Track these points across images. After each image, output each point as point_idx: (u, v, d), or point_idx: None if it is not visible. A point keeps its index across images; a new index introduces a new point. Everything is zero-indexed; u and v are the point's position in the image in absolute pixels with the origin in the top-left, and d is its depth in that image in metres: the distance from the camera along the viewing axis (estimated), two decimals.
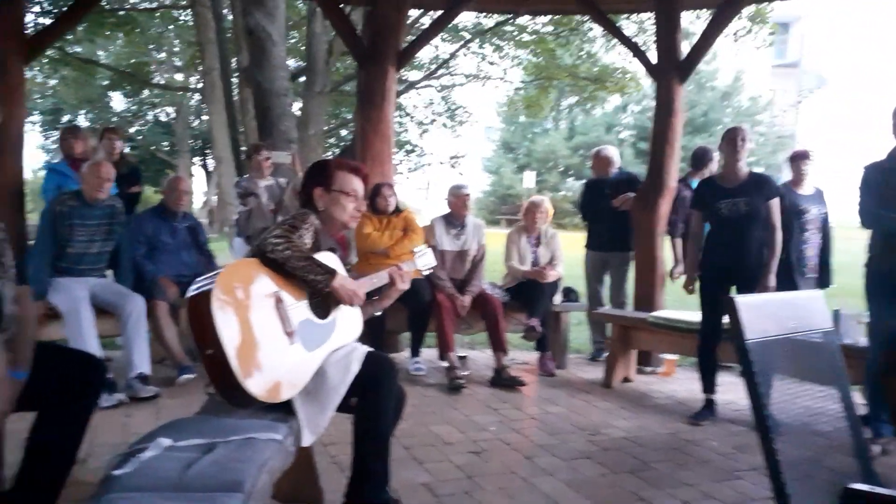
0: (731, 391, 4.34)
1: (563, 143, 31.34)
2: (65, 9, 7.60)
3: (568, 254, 5.39)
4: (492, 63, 16.20)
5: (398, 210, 4.97)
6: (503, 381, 4.55)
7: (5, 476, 2.20)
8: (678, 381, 4.96)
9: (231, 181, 11.32)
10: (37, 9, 12.08)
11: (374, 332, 2.61)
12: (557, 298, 5.25)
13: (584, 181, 7.01)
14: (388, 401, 2.30)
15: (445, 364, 4.63)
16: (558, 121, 33.14)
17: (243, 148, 10.44)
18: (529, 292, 4.94)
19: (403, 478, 2.82)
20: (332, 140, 18.15)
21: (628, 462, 3.22)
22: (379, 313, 2.69)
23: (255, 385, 2.03)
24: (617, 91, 15.89)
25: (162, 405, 3.89)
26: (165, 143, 28.33)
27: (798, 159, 4.65)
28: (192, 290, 2.09)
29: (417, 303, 4.63)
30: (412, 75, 16.60)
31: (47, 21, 11.46)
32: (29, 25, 6.38)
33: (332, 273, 2.28)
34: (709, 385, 3.99)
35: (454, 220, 5.01)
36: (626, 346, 4.82)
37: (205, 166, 29.72)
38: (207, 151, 28.90)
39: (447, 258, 4.87)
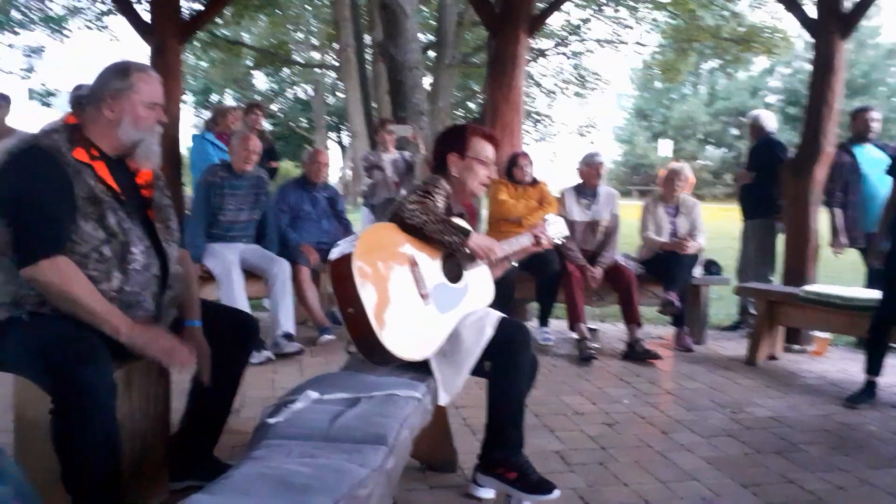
0: (893, 374, 3.96)
1: (702, 109, 29.66)
2: None
3: (708, 226, 5.11)
4: (627, 27, 15.53)
5: (535, 181, 4.92)
6: (637, 354, 4.42)
7: (172, 421, 2.42)
8: (830, 360, 4.59)
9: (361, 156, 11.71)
10: None
11: (502, 301, 2.60)
12: (697, 271, 5.00)
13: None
14: (523, 366, 2.30)
15: (575, 335, 4.56)
16: (697, 86, 31.36)
17: (375, 123, 10.77)
18: (667, 264, 4.74)
19: (535, 444, 2.81)
20: (459, 112, 18.26)
21: (775, 442, 3.03)
22: (512, 266, 2.68)
23: (393, 343, 2.10)
24: (764, 52, 14.73)
25: (305, 363, 4.12)
26: (304, 120, 29.76)
27: None
28: (333, 253, 2.19)
29: (546, 273, 4.58)
30: (542, 44, 16.27)
31: (199, 6, 12.26)
32: (184, 10, 6.84)
33: (467, 233, 2.32)
34: (875, 366, 3.65)
35: (585, 189, 4.89)
36: (773, 322, 4.51)
37: (340, 141, 30.96)
38: (342, 127, 30.06)
39: (577, 228, 4.76)
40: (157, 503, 2.18)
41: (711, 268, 5.16)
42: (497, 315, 2.38)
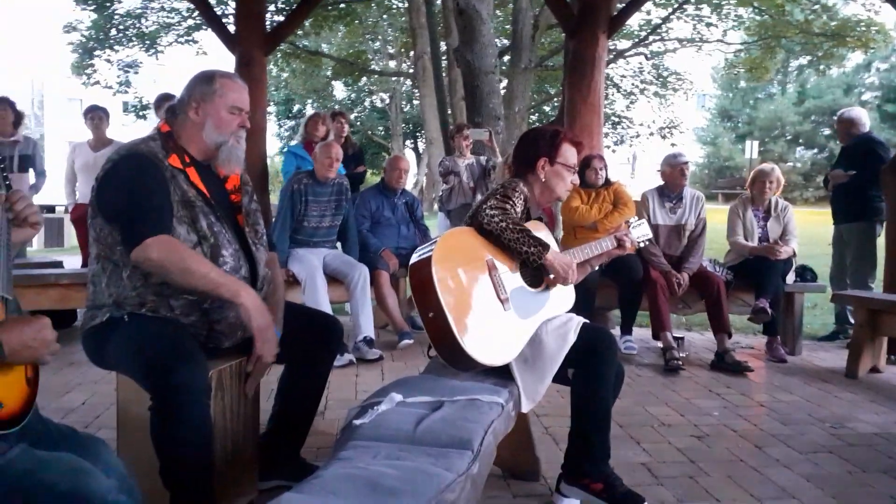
0: None
1: (791, 108, 28.34)
2: (295, 6, 8.38)
3: (800, 230, 4.85)
4: (710, 25, 15.02)
5: (608, 183, 4.81)
6: (726, 364, 4.23)
7: (261, 422, 2.48)
8: None
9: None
10: (272, 7, 13.39)
11: (582, 308, 2.53)
12: (790, 277, 4.76)
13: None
14: (609, 374, 2.23)
15: (660, 344, 4.42)
16: (785, 84, 29.99)
17: (451, 129, 10.82)
18: (757, 270, 4.53)
19: (620, 456, 2.73)
20: (534, 116, 18.14)
21: (881, 461, 2.83)
22: (594, 269, 2.61)
23: (473, 348, 2.08)
24: (860, 47, 13.94)
25: (386, 367, 4.16)
26: (380, 128, 30.29)
27: None
28: (414, 257, 2.19)
29: (629, 279, 4.46)
30: (619, 44, 15.96)
31: (281, 18, 12.67)
32: (266, 23, 7.10)
33: (545, 247, 2.27)
34: None
35: (669, 192, 4.73)
36: (875, 333, 4.23)
37: (415, 148, 31.33)
38: (418, 134, 30.41)
39: (661, 233, 4.62)
40: (247, 501, 2.24)
41: (806, 274, 4.90)
42: (580, 321, 2.33)
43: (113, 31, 16.40)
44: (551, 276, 2.33)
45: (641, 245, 2.68)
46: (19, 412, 1.39)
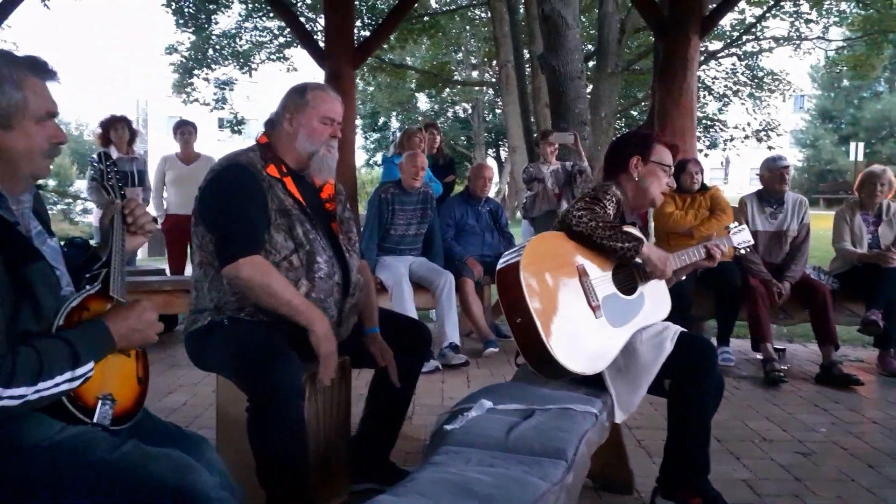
0: None
1: None
2: (381, 21, 8.56)
3: None
4: (809, 21, 14.28)
5: (704, 188, 4.63)
6: (833, 378, 3.97)
7: (352, 425, 2.52)
8: None
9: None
10: (359, 23, 13.76)
11: (677, 317, 2.42)
12: None
13: None
14: (708, 385, 2.13)
15: (759, 356, 4.20)
16: (894, 82, 28.10)
17: (535, 136, 10.75)
18: (867, 279, 4.23)
19: (719, 471, 2.59)
20: (622, 121, 17.76)
21: None
22: (678, 279, 2.51)
23: (562, 355, 2.03)
24: None
25: (471, 374, 4.15)
26: (463, 138, 30.49)
27: None
28: (502, 262, 2.17)
29: (726, 288, 4.27)
30: (710, 45, 15.42)
31: (367, 33, 13.00)
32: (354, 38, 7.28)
33: (640, 241, 2.20)
34: None
35: (769, 197, 4.50)
36: None
37: (497, 157, 31.33)
38: (500, 143, 30.40)
39: (761, 240, 4.39)
40: (339, 503, 2.27)
41: None
42: (677, 329, 2.24)
43: (210, 51, 17.31)
44: (648, 269, 2.25)
45: (742, 252, 2.56)
46: (131, 409, 1.47)
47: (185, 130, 6.07)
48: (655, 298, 2.39)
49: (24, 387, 1.20)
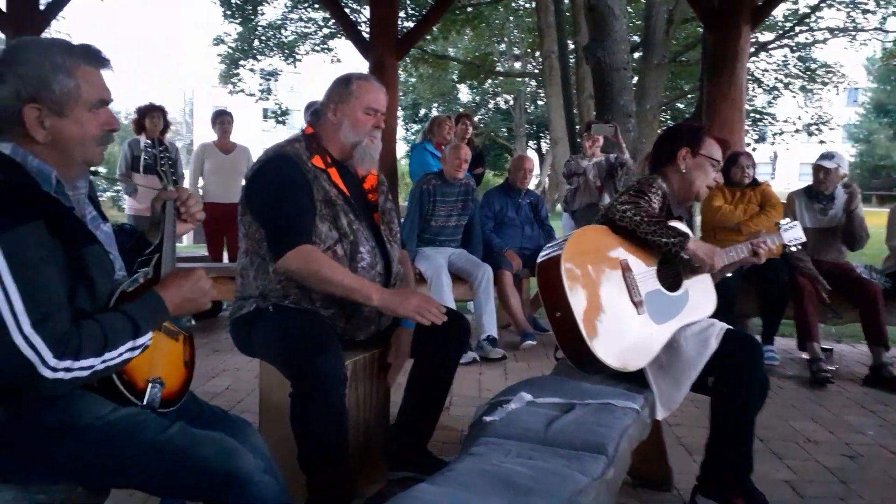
0: None
1: None
2: (425, 12, 8.57)
3: None
4: (866, 12, 13.78)
5: (755, 183, 4.52)
6: (883, 380, 3.85)
7: (390, 414, 2.54)
8: None
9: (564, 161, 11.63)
10: (402, 13, 13.78)
11: (721, 315, 2.38)
12: None
13: None
14: (753, 383, 2.09)
15: (805, 355, 4.10)
16: None
17: (578, 128, 10.63)
18: None
19: (761, 471, 2.54)
20: (667, 114, 17.44)
21: None
22: (724, 276, 2.45)
23: (603, 350, 2.01)
24: None
25: (509, 367, 4.15)
26: (503, 129, 30.35)
27: None
28: (542, 255, 2.15)
29: (772, 285, 4.17)
30: (761, 36, 15.01)
31: (411, 24, 13.01)
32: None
33: (685, 236, 2.16)
34: None
35: (819, 193, 4.38)
36: None
37: (538, 149, 31.11)
38: (541, 135, 30.18)
39: (809, 237, 4.25)
40: (377, 489, 2.30)
41: None
42: (722, 326, 2.20)
43: (256, 42, 17.56)
44: (696, 264, 2.22)
45: (794, 249, 2.49)
46: (178, 392, 1.51)
47: (223, 120, 6.13)
48: (700, 295, 2.35)
49: (92, 357, 1.25)
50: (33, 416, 1.30)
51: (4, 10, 6.43)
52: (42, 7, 6.67)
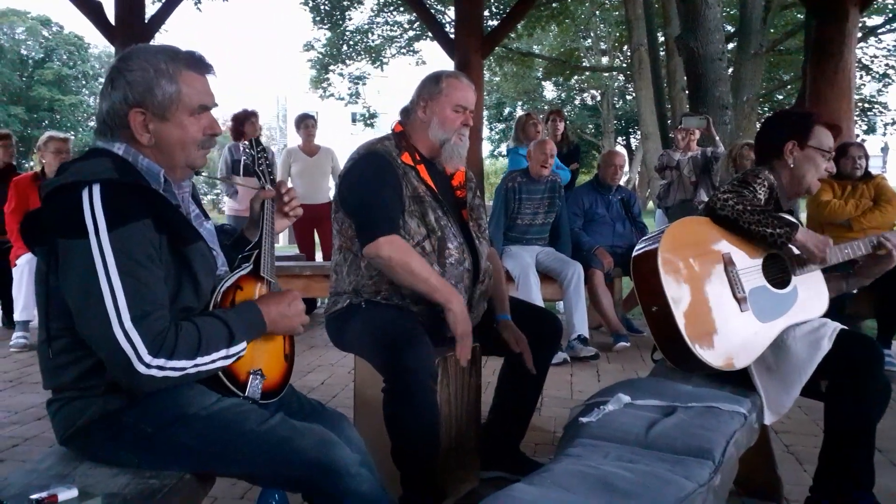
0: None
1: None
2: (510, 8, 8.51)
3: None
4: None
5: (868, 176, 4.21)
6: None
7: (482, 413, 2.52)
8: None
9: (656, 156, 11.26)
10: (486, 12, 13.76)
11: (830, 316, 2.21)
12: None
13: None
14: (872, 389, 1.93)
15: None
16: None
17: (670, 122, 10.27)
18: None
19: (881, 485, 2.34)
20: (765, 106, 16.61)
21: None
22: (854, 291, 2.28)
23: (702, 347, 1.92)
24: None
25: (601, 368, 4.04)
26: (591, 126, 29.78)
27: None
28: (639, 247, 2.07)
29: (889, 283, 3.85)
30: (869, 20, 14.04)
31: (496, 22, 12.97)
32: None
33: (794, 226, 2.02)
34: None
35: None
36: None
37: (627, 145, 30.35)
38: (630, 131, 29.42)
39: None
40: (469, 488, 2.28)
41: None
42: (836, 326, 2.05)
43: (344, 47, 18.00)
44: (805, 256, 2.09)
45: None
46: (279, 384, 1.54)
47: (307, 123, 6.28)
48: (810, 293, 2.19)
49: (185, 360, 1.29)
50: (145, 405, 1.35)
51: (113, 23, 6.87)
52: (147, 20, 7.08)
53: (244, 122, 5.87)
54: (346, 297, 2.17)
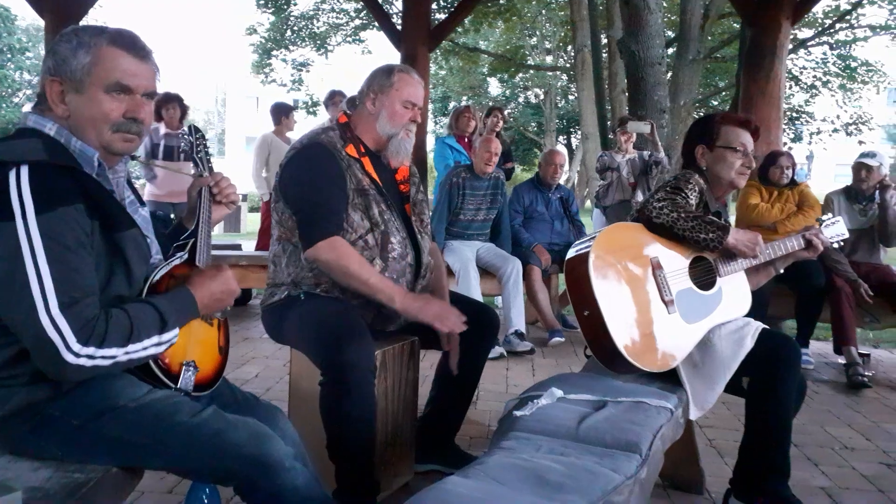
0: None
1: None
2: (457, 3, 8.53)
3: None
4: None
5: (794, 183, 4.42)
6: None
7: (419, 405, 2.53)
8: None
9: (596, 157, 11.49)
10: (434, 5, 13.74)
11: (753, 316, 2.32)
12: None
13: None
14: (791, 384, 2.04)
15: (841, 360, 4.01)
16: None
17: (610, 123, 10.50)
18: None
19: (797, 477, 2.48)
20: (701, 111, 17.16)
21: None
22: (777, 272, 2.39)
23: (631, 351, 1.97)
24: None
25: (536, 363, 4.12)
26: (533, 124, 30.15)
27: None
28: (571, 252, 2.11)
29: (808, 287, 4.08)
30: (800, 33, 14.68)
31: (443, 16, 12.96)
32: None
33: (724, 229, 2.11)
34: None
35: (859, 193, 4.27)
36: None
37: (568, 145, 30.86)
38: (571, 130, 29.91)
39: (847, 238, 4.16)
40: (404, 482, 2.29)
41: None
42: (758, 325, 2.15)
43: (288, 33, 17.65)
44: (738, 258, 2.19)
45: (836, 246, 2.43)
46: (212, 377, 1.51)
47: (290, 115, 6.19)
48: (734, 294, 2.29)
49: (116, 348, 1.25)
50: (72, 396, 1.31)
51: None
52: None
53: (161, 107, 5.62)
54: (284, 289, 2.14)
